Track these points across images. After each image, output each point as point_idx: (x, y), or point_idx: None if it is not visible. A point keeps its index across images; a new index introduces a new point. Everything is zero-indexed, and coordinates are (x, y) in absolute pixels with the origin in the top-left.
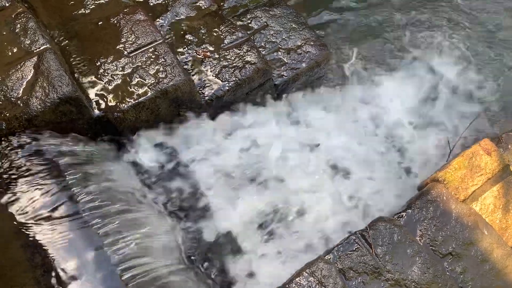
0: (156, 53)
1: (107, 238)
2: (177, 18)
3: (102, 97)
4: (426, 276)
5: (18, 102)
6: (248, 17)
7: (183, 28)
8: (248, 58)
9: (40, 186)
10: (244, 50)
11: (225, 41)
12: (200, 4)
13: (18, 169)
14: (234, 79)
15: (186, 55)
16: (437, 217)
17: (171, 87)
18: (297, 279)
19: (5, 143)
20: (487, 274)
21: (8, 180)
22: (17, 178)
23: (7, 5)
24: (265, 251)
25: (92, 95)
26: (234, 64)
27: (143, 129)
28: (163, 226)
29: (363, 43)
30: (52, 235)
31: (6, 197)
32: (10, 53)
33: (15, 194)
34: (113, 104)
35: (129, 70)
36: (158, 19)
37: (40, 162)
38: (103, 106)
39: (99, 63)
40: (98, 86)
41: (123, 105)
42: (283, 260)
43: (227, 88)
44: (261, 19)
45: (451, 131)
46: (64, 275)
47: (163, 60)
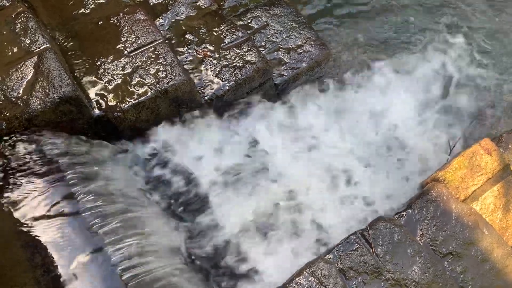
0: (156, 52)
1: (108, 238)
2: (177, 17)
3: (102, 97)
4: (427, 275)
5: (18, 101)
6: (248, 16)
7: (183, 27)
8: (248, 58)
9: (40, 186)
10: (244, 49)
11: (225, 41)
12: (200, 4)
13: (18, 168)
14: (234, 78)
15: (186, 54)
16: (438, 216)
17: (171, 86)
18: (297, 278)
19: (5, 142)
20: (488, 273)
21: (8, 180)
22: (17, 178)
23: (7, 4)
24: (266, 250)
25: (92, 95)
26: (234, 64)
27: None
28: (164, 226)
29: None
30: (52, 235)
31: (6, 196)
32: (10, 53)
33: (15, 194)
34: (113, 103)
35: (129, 70)
36: (158, 19)
37: (40, 162)
38: (103, 105)
39: (99, 63)
40: (98, 86)
41: (123, 104)
42: (285, 259)
43: (227, 87)
44: (261, 18)
45: (451, 131)
46: (64, 275)
47: (163, 59)
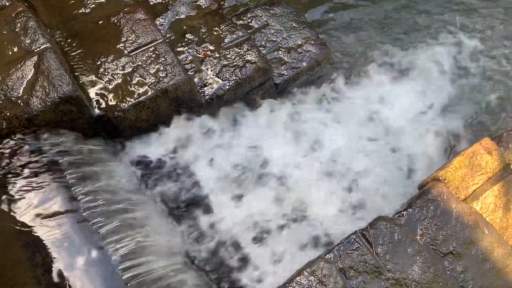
0: (157, 52)
1: (108, 237)
2: (178, 17)
3: (103, 96)
4: (427, 275)
5: (19, 101)
6: (249, 16)
7: (183, 27)
8: (248, 57)
9: (41, 185)
10: (245, 49)
11: (226, 40)
12: (201, 3)
13: (18, 168)
14: (234, 78)
15: (186, 54)
16: (438, 216)
17: (172, 86)
18: (297, 278)
19: (5, 142)
20: (488, 273)
21: (8, 180)
22: (17, 177)
23: (7, 4)
24: (267, 250)
25: (92, 95)
26: (234, 63)
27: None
28: (164, 226)
29: (365, 38)
30: (52, 235)
31: (7, 196)
32: (10, 53)
33: (16, 194)
34: (114, 103)
35: (130, 69)
36: (158, 18)
37: (40, 161)
38: (103, 105)
39: (99, 62)
40: (99, 86)
41: (124, 104)
42: (286, 259)
43: (227, 87)
44: (261, 18)
45: (451, 130)
46: (64, 275)
47: (163, 59)
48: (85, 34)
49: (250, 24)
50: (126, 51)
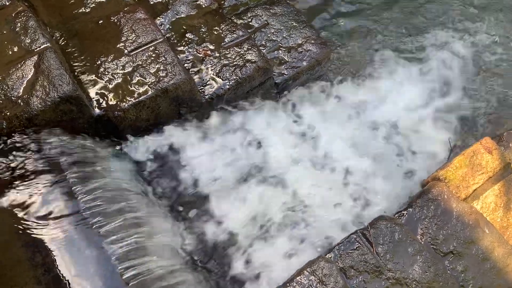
0: (157, 51)
1: (108, 237)
2: (178, 16)
3: (103, 96)
4: (427, 274)
5: (19, 101)
6: (249, 15)
7: (183, 26)
8: (248, 57)
9: (41, 185)
10: (245, 48)
11: (226, 40)
12: (201, 3)
13: (19, 168)
14: (234, 77)
15: (186, 53)
16: (438, 215)
17: (172, 86)
18: (298, 278)
19: (5, 142)
20: (488, 272)
21: (9, 179)
22: (18, 177)
23: (7, 3)
24: (268, 249)
25: (92, 94)
26: (234, 63)
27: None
28: (165, 225)
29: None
30: (53, 234)
31: (7, 196)
32: (10, 52)
33: (16, 193)
34: (114, 103)
35: (130, 69)
36: (158, 18)
37: (40, 161)
38: (103, 105)
39: (99, 62)
40: (99, 85)
41: (124, 104)
42: (287, 259)
43: (227, 86)
44: (261, 17)
45: (452, 129)
46: (64, 274)
47: (163, 58)
48: (85, 34)
49: (250, 23)
50: (126, 51)
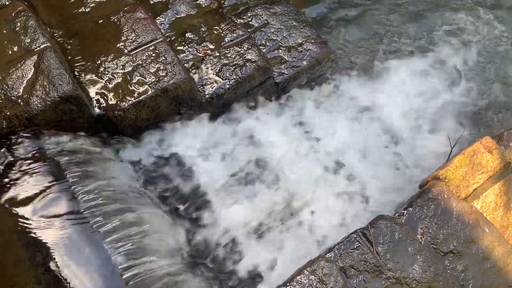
0: (157, 51)
1: (108, 237)
2: (178, 16)
3: (103, 96)
4: (427, 274)
5: (19, 100)
6: (249, 15)
7: (183, 26)
8: (248, 56)
9: (41, 185)
10: (245, 48)
11: (226, 39)
12: (201, 2)
13: (19, 168)
14: (234, 77)
15: (186, 53)
16: (438, 215)
17: (172, 85)
18: (298, 277)
19: (5, 141)
20: (488, 272)
21: (9, 179)
22: (18, 177)
23: (7, 3)
24: (268, 249)
25: (92, 94)
26: (234, 62)
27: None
28: (164, 225)
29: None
30: (53, 234)
31: (7, 196)
32: (10, 52)
33: (16, 193)
34: (114, 102)
35: (130, 69)
36: (158, 17)
37: (40, 161)
38: (103, 104)
39: (99, 62)
40: (99, 85)
41: (124, 103)
42: (288, 259)
43: (227, 86)
44: (261, 17)
45: (452, 129)
46: (65, 274)
47: (163, 58)
48: (85, 33)
49: (250, 23)
50: (126, 50)
